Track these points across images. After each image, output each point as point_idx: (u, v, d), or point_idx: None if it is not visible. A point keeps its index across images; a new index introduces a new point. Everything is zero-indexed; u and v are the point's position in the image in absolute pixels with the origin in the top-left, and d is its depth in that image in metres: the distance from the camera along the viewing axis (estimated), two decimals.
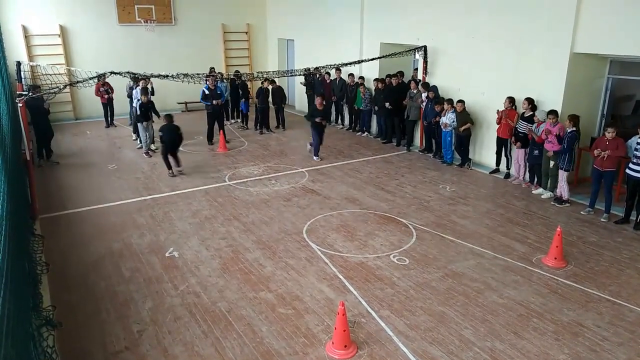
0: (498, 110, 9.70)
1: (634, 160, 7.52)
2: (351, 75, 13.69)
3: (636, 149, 7.48)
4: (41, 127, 10.83)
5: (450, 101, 10.56)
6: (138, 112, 11.47)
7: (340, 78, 13.95)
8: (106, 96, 14.02)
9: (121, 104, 14.31)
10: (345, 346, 4.76)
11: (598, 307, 5.60)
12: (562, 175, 8.49)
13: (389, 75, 12.54)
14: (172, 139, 10.21)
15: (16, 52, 14.14)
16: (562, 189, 8.56)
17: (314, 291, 5.91)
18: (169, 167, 10.23)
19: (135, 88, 12.10)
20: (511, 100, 9.55)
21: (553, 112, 8.58)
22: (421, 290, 5.93)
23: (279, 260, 6.70)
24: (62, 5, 14.90)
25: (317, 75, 14.61)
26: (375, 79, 12.91)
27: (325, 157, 11.63)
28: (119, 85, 13.72)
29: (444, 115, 10.63)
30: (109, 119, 14.58)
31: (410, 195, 9.11)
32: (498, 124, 9.83)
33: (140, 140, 12.00)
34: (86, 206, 8.61)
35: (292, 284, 6.09)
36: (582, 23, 8.53)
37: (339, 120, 14.83)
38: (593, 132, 9.53)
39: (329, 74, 14.25)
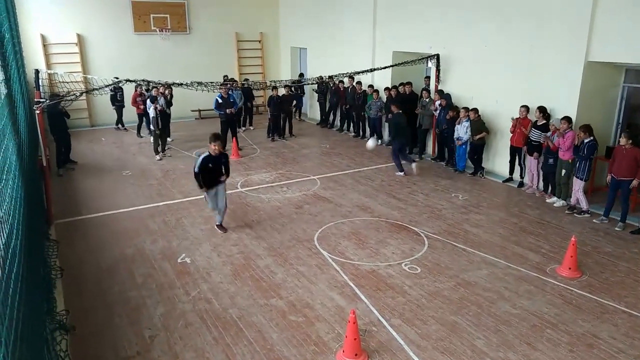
0: (512, 118, 9.64)
1: None
2: (359, 83, 13.75)
3: None
4: (62, 135, 10.92)
5: (465, 109, 10.52)
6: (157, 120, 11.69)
7: (353, 86, 14.01)
8: (142, 107, 13.57)
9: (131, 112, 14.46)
10: (356, 355, 4.74)
11: (613, 319, 5.50)
12: (579, 184, 8.38)
13: (402, 84, 12.55)
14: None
15: (35, 60, 14.44)
16: (580, 199, 8.44)
17: (325, 299, 5.90)
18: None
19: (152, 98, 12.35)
20: (526, 108, 9.50)
21: (565, 119, 8.51)
22: (433, 300, 5.89)
23: (290, 267, 6.71)
24: (80, 15, 15.19)
25: (332, 84, 14.67)
26: (386, 88, 12.92)
27: (337, 164, 11.65)
28: (128, 93, 14.03)
29: (458, 124, 10.58)
30: (141, 130, 14.41)
31: (422, 204, 9.07)
32: (512, 132, 9.78)
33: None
34: (100, 212, 8.71)
35: (303, 291, 6.08)
36: (597, 31, 8.46)
37: (351, 128, 14.86)
38: (608, 141, 9.42)
39: (342, 82, 14.32)
